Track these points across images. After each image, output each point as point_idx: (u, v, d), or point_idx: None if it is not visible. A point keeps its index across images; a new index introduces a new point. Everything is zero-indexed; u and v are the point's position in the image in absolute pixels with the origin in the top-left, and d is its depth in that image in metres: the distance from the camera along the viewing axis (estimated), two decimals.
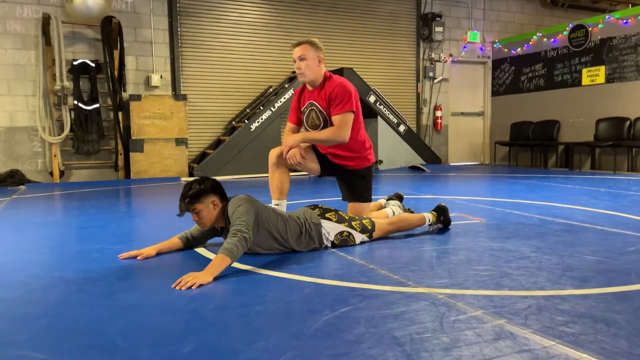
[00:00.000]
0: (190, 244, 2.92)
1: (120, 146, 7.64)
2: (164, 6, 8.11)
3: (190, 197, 2.60)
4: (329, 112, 3.28)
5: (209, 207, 2.64)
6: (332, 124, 3.28)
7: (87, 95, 7.62)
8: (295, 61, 3.31)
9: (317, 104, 3.32)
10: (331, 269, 2.56)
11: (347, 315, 1.88)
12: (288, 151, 3.24)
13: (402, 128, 9.10)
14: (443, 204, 3.48)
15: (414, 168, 8.94)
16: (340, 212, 3.05)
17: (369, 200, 3.45)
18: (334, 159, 3.42)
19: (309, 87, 3.40)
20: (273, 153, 3.35)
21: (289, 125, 3.57)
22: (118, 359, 1.55)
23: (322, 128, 3.33)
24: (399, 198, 3.86)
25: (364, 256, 2.78)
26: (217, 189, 2.69)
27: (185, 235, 2.91)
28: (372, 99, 8.74)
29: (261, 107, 8.28)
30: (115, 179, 7.70)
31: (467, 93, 10.77)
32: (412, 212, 3.66)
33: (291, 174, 3.47)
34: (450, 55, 10.40)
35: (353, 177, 3.41)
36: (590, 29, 8.74)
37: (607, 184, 6.29)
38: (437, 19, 9.96)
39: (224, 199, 2.71)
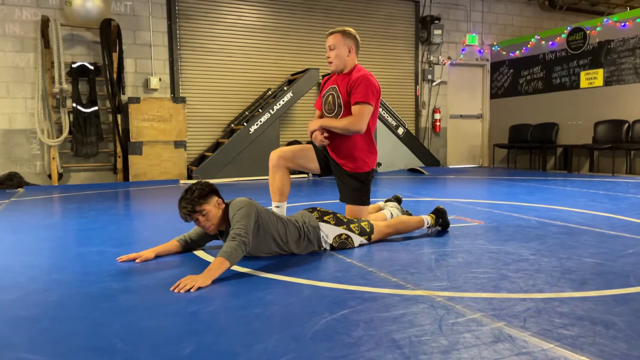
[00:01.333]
0: (188, 246, 2.93)
1: (119, 149, 7.63)
2: (163, 9, 8.12)
3: (199, 197, 2.59)
4: (347, 100, 3.31)
5: (215, 207, 2.64)
6: (345, 113, 3.33)
7: (86, 97, 7.62)
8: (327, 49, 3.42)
9: (337, 88, 3.36)
10: (330, 271, 2.56)
11: (345, 317, 1.88)
12: (311, 135, 3.40)
13: (400, 131, 9.11)
14: (442, 207, 3.48)
15: (413, 171, 8.94)
16: (338, 215, 3.05)
17: (367, 203, 3.44)
18: (337, 158, 3.42)
19: (337, 73, 3.46)
20: (274, 155, 3.36)
21: (316, 112, 3.66)
22: None
23: (336, 114, 3.38)
24: (398, 201, 3.86)
25: (362, 259, 2.78)
26: (216, 190, 2.70)
27: (183, 238, 2.92)
28: None
29: (260, 110, 8.28)
30: (114, 181, 7.69)
31: (465, 96, 10.79)
32: (411, 214, 3.67)
33: (290, 176, 3.48)
34: (449, 57, 10.42)
35: (351, 180, 3.42)
36: (588, 31, 8.77)
37: (605, 186, 6.30)
38: (435, 21, 9.98)
39: (223, 200, 2.72)
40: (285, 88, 8.45)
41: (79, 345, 1.67)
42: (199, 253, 2.92)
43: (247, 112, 8.60)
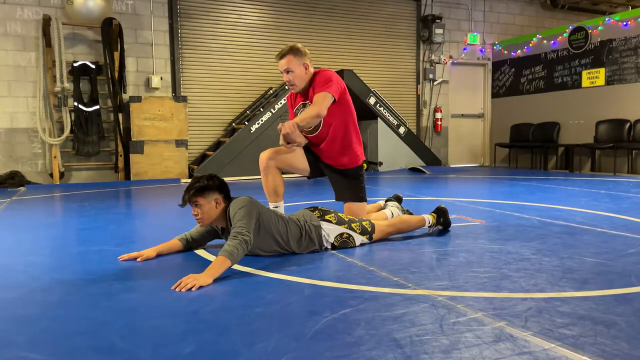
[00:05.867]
0: (190, 245, 2.92)
1: (120, 148, 7.64)
2: (164, 8, 8.12)
3: (195, 190, 2.62)
4: None
5: (211, 204, 2.65)
6: (325, 124, 3.32)
7: (88, 96, 7.62)
8: (282, 72, 3.31)
9: (309, 102, 3.35)
10: (331, 270, 2.56)
11: (346, 317, 1.87)
12: (286, 145, 3.21)
13: (402, 130, 9.11)
14: (443, 206, 3.48)
15: (414, 170, 8.94)
16: (339, 214, 3.05)
17: (364, 200, 3.45)
18: (329, 159, 3.42)
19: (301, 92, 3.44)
20: (263, 156, 3.33)
21: None
22: None
23: (315, 128, 3.37)
24: (398, 200, 3.85)
25: (363, 258, 2.78)
26: (223, 188, 2.70)
27: (185, 237, 2.91)
28: (372, 100, 8.74)
29: (261, 109, 8.29)
30: (115, 180, 7.70)
31: (467, 95, 10.78)
32: (411, 213, 3.66)
33: (286, 175, 3.47)
34: (451, 57, 10.41)
35: (344, 178, 3.42)
36: (590, 31, 8.75)
37: (607, 186, 6.29)
38: (437, 20, 9.97)
39: (228, 199, 2.72)
40: (286, 87, 8.43)
41: (79, 345, 1.67)
42: (200, 252, 2.92)
43: (248, 111, 8.60)
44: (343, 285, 2.26)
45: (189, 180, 3.10)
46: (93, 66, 7.59)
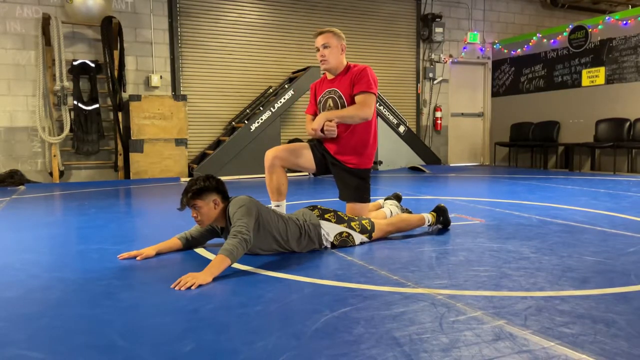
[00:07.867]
0: (189, 244, 2.92)
1: (120, 146, 7.63)
2: (164, 6, 8.12)
3: (193, 193, 2.62)
4: (352, 96, 3.30)
5: (210, 205, 2.65)
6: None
7: (87, 95, 7.62)
8: (318, 49, 3.38)
9: (337, 89, 3.36)
10: (331, 269, 2.56)
11: (346, 315, 1.88)
12: (318, 132, 3.29)
13: (402, 129, 9.11)
14: (442, 205, 3.48)
15: (414, 169, 8.94)
16: (339, 213, 3.05)
17: (368, 201, 3.44)
18: (340, 155, 3.40)
19: (329, 77, 3.46)
20: (269, 154, 3.34)
21: (308, 116, 3.65)
22: (117, 359, 1.55)
23: None
24: (398, 198, 3.86)
25: (363, 257, 2.78)
26: (220, 189, 2.69)
27: (184, 235, 2.91)
28: None
29: (261, 108, 8.28)
30: (115, 179, 7.70)
31: (467, 94, 10.77)
32: (411, 212, 3.66)
33: (290, 174, 3.47)
34: (450, 56, 10.41)
35: (353, 178, 3.41)
36: (590, 30, 8.75)
37: (606, 185, 6.29)
38: (437, 19, 9.96)
39: (226, 199, 2.72)
40: (286, 86, 8.44)
41: (79, 343, 1.67)
42: (200, 251, 2.92)
43: (248, 110, 8.60)
44: (343, 284, 2.26)
45: (189, 179, 3.11)
46: (93, 65, 7.58)
